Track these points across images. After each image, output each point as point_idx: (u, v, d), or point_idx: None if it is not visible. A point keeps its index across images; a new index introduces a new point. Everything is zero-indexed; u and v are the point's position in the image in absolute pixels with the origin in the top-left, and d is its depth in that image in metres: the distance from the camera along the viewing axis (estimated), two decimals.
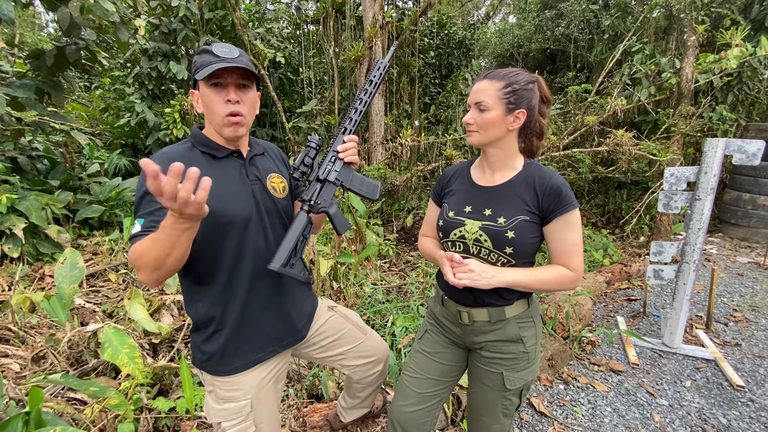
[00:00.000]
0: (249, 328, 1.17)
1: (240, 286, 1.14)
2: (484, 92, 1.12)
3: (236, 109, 1.08)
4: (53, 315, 2.12)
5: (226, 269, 1.11)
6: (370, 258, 3.83)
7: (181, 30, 5.71)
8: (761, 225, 4.88)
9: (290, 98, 7.98)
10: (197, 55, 1.11)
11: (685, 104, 4.91)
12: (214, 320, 1.14)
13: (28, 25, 10.63)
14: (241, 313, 1.15)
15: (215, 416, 1.19)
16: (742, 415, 2.11)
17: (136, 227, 0.99)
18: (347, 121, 1.20)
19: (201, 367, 1.18)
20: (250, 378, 1.19)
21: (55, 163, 4.67)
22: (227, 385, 1.17)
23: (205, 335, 1.16)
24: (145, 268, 0.93)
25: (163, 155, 1.08)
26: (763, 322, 3.07)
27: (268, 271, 1.10)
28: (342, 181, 1.19)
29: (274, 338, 1.23)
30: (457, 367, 1.35)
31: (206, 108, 1.10)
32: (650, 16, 5.81)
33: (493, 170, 1.21)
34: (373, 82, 1.22)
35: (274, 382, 1.26)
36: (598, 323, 3.12)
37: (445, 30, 8.26)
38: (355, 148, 1.21)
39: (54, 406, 1.68)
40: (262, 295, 1.18)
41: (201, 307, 1.14)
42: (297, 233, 1.11)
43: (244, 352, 1.17)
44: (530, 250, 1.16)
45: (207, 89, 1.07)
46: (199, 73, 1.06)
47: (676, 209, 2.51)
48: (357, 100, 1.22)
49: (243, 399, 1.17)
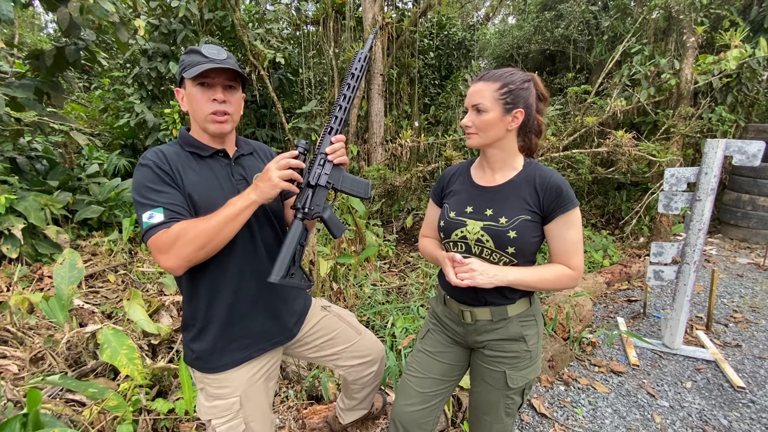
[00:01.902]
0: (237, 326, 1.18)
1: (226, 285, 1.15)
2: (481, 94, 1.12)
3: (222, 108, 1.10)
4: (52, 316, 2.11)
5: (212, 267, 1.12)
6: (369, 259, 3.82)
7: (180, 30, 5.71)
8: (761, 226, 4.89)
9: (290, 99, 7.97)
10: (185, 55, 1.12)
11: (684, 105, 4.91)
12: (200, 318, 1.16)
13: (27, 26, 10.63)
14: (228, 311, 1.16)
15: (205, 413, 1.20)
16: (743, 416, 2.11)
17: (155, 217, 1.01)
18: (333, 120, 1.15)
19: (191, 365, 1.20)
20: (239, 375, 1.19)
21: (54, 164, 4.65)
22: (216, 382, 1.18)
23: (192, 333, 1.18)
24: (181, 248, 0.98)
25: (157, 152, 1.11)
26: (763, 323, 3.07)
27: (255, 270, 1.14)
28: (333, 183, 1.16)
29: (263, 336, 1.23)
30: (459, 367, 1.35)
31: (191, 106, 1.12)
32: (649, 17, 5.82)
33: (494, 170, 1.22)
34: (354, 75, 1.16)
35: (265, 380, 1.26)
36: (599, 324, 3.12)
37: (444, 31, 8.27)
38: (344, 148, 1.17)
39: (52, 408, 1.67)
40: (249, 293, 1.18)
41: (191, 304, 1.16)
42: (294, 243, 1.10)
43: (232, 350, 1.18)
44: (532, 249, 1.16)
45: (193, 88, 1.09)
46: (188, 71, 1.07)
47: (676, 210, 2.51)
48: (340, 96, 1.15)
49: (232, 396, 1.18)
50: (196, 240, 0.98)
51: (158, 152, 1.11)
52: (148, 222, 1.00)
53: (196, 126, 1.16)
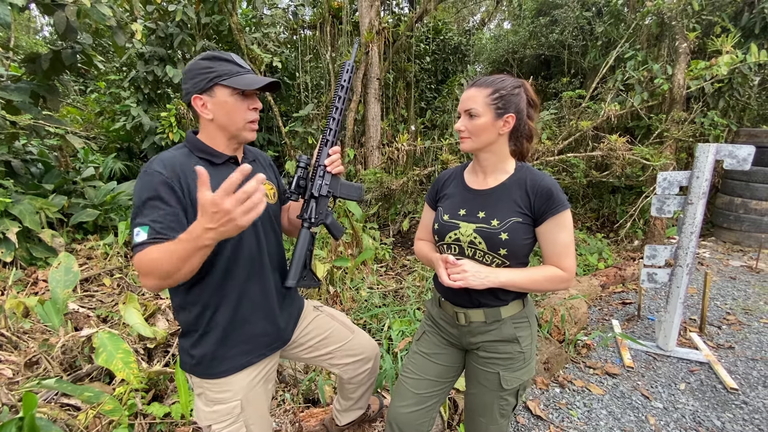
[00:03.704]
0: (239, 330, 1.18)
1: (232, 290, 1.15)
2: (473, 99, 1.15)
3: (257, 116, 1.15)
4: (47, 320, 2.11)
5: (219, 273, 1.13)
6: (366, 262, 3.83)
7: (177, 34, 5.73)
8: (753, 229, 4.94)
9: (287, 102, 7.99)
10: (211, 61, 1.10)
11: (677, 110, 4.97)
12: (203, 323, 1.15)
13: (23, 29, 10.60)
14: (233, 316, 1.16)
15: (205, 419, 1.19)
16: (736, 417, 2.13)
17: (140, 235, 0.97)
18: (327, 132, 1.25)
19: (190, 371, 1.18)
20: (240, 379, 1.19)
21: (49, 167, 4.64)
22: (216, 386, 1.17)
23: (193, 339, 1.16)
24: (152, 276, 0.93)
25: (164, 160, 1.07)
26: (755, 325, 3.10)
27: (260, 275, 1.18)
28: (333, 191, 1.28)
29: (263, 341, 1.24)
30: (454, 368, 1.36)
31: (227, 114, 1.11)
32: (642, 23, 5.90)
33: (486, 174, 1.24)
34: (344, 87, 1.25)
35: (264, 383, 1.27)
36: (594, 326, 3.14)
37: (440, 36, 8.33)
38: (340, 159, 1.28)
39: (48, 412, 1.66)
40: (252, 298, 1.20)
41: (192, 311, 1.15)
42: (304, 250, 1.22)
43: (233, 355, 1.18)
44: (524, 251, 1.18)
45: (231, 97, 1.09)
46: (231, 80, 1.08)
47: (668, 213, 2.54)
48: (332, 108, 1.25)
49: (233, 400, 1.18)
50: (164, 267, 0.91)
51: (164, 162, 1.07)
52: (134, 239, 0.98)
53: (215, 132, 1.14)
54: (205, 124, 1.14)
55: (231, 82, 1.08)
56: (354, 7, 6.79)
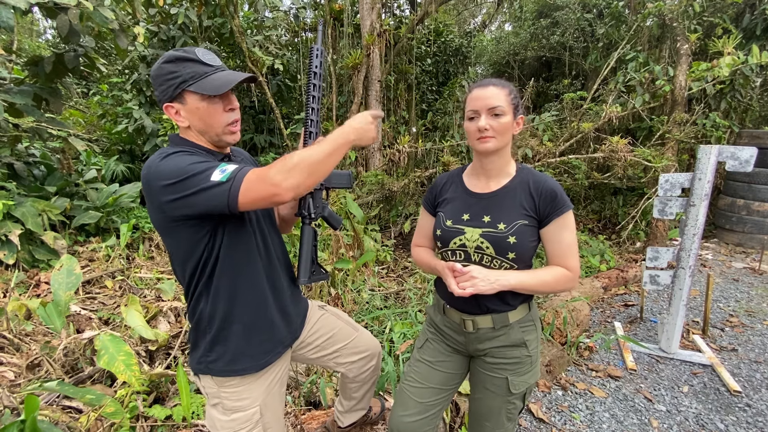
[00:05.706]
0: (257, 328, 1.16)
1: (248, 287, 1.14)
2: (498, 98, 1.12)
3: (236, 116, 1.09)
4: (49, 322, 2.11)
5: (234, 269, 1.11)
6: (367, 264, 3.82)
7: (179, 37, 5.75)
8: (756, 230, 4.92)
9: (288, 105, 8.01)
10: (173, 64, 1.00)
11: (678, 111, 4.96)
12: (219, 319, 1.11)
13: (26, 32, 10.65)
14: (249, 313, 1.15)
15: (223, 428, 1.15)
16: (740, 420, 2.12)
17: (229, 168, 0.93)
18: (309, 123, 1.18)
19: (207, 369, 1.13)
20: (259, 384, 1.18)
21: (51, 169, 4.65)
22: (235, 395, 1.15)
23: (211, 334, 1.12)
24: (296, 171, 0.91)
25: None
26: (758, 328, 3.09)
27: (269, 271, 1.18)
28: (324, 183, 1.27)
29: (279, 337, 1.24)
30: (458, 375, 1.34)
31: (204, 120, 1.04)
32: (644, 24, 5.90)
33: (489, 177, 1.22)
34: (316, 73, 1.17)
35: (279, 386, 1.27)
36: (596, 329, 3.13)
37: (441, 38, 8.34)
38: None
39: (49, 415, 1.66)
40: (267, 295, 1.19)
41: (207, 306, 1.11)
42: (309, 245, 1.23)
43: (254, 353, 1.15)
44: (530, 253, 1.18)
45: (203, 102, 1.01)
46: (197, 85, 0.99)
47: (670, 215, 2.54)
48: (309, 96, 1.17)
49: (252, 407, 1.16)
50: (313, 158, 0.93)
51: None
52: (227, 174, 0.92)
53: (196, 137, 1.08)
54: (184, 131, 1.09)
55: (198, 87, 0.99)
56: (355, 10, 6.81)
